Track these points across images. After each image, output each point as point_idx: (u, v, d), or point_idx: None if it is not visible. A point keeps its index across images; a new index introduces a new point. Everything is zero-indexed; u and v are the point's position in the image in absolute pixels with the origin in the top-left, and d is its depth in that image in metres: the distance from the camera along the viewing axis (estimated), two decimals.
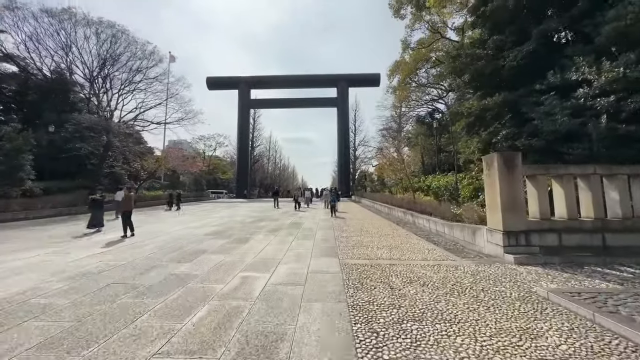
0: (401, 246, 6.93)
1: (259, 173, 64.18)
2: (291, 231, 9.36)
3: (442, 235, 8.55)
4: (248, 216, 14.20)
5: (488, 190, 6.30)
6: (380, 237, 8.10)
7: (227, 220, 12.57)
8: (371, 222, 11.58)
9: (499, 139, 9.20)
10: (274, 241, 7.66)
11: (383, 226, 10.49)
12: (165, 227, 10.51)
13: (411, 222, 11.61)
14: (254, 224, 11.13)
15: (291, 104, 47.77)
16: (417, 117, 29.61)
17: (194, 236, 8.39)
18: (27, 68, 24.36)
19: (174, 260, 5.61)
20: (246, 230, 9.51)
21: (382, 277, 4.52)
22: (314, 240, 7.71)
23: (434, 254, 6.12)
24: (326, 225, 10.71)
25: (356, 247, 6.77)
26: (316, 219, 13.14)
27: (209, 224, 11.34)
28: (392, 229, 9.71)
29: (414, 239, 7.99)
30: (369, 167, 47.40)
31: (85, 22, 26.51)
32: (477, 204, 8.12)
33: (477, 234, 6.62)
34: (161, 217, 14.22)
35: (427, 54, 26.38)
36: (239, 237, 8.20)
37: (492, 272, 4.77)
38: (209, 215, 15.04)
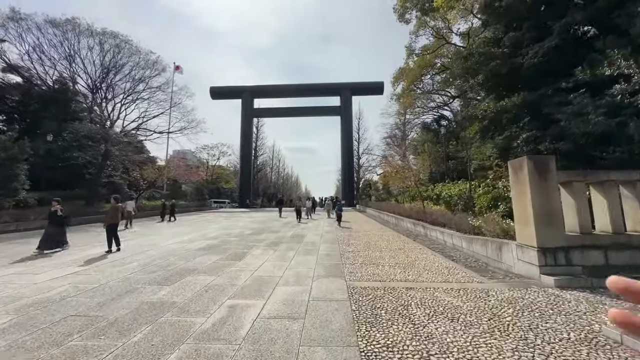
0: (416, 264, 6.10)
1: (262, 182, 63.70)
2: (292, 245, 8.57)
3: (460, 249, 7.69)
4: (248, 228, 13.44)
5: (516, 200, 5.49)
6: (391, 253, 7.27)
7: (225, 232, 11.82)
8: (379, 234, 10.74)
9: (519, 143, 8.43)
10: (273, 257, 6.88)
11: (392, 239, 9.64)
12: (157, 240, 9.78)
13: (422, 234, 10.75)
14: (252, 237, 10.35)
15: (294, 113, 47.60)
16: (422, 124, 28.93)
17: (185, 251, 7.64)
18: (31, 79, 24.37)
19: (154, 282, 4.85)
20: (243, 244, 8.74)
21: (399, 306, 3.70)
22: (317, 256, 6.91)
23: (455, 274, 5.28)
24: (330, 238, 9.90)
25: (365, 265, 5.96)
26: (319, 230, 12.33)
27: (205, 236, 10.59)
28: (402, 243, 8.86)
29: (428, 254, 7.14)
30: (373, 176, 46.64)
31: (89, 33, 26.63)
32: (499, 215, 7.28)
33: (503, 250, 5.77)
34: (156, 228, 13.52)
35: (432, 60, 25.92)
36: (235, 253, 7.42)
37: (532, 300, 3.92)
38: (207, 226, 14.31)
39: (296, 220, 16.25)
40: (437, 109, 31.52)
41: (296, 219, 16.43)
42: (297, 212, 16.53)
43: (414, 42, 25.21)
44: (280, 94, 47.48)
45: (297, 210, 16.47)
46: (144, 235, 11.03)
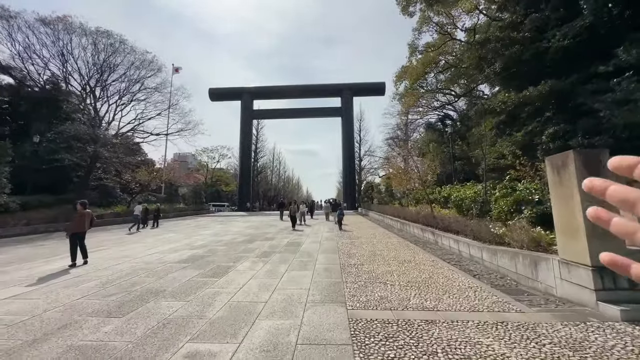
0: (432, 282, 5.04)
1: (262, 185, 62.82)
2: (286, 256, 7.52)
3: (479, 262, 6.62)
4: (241, 234, 12.41)
5: (559, 205, 4.44)
6: (401, 266, 6.21)
7: (214, 239, 10.79)
8: (384, 242, 9.68)
9: (544, 139, 7.38)
10: (261, 272, 5.84)
11: (399, 248, 8.58)
12: (136, 250, 8.77)
13: (432, 241, 9.68)
14: (243, 245, 9.32)
15: (295, 114, 46.77)
16: (427, 124, 27.91)
17: (161, 265, 6.62)
18: (24, 80, 23.61)
19: (104, 311, 3.83)
20: (231, 255, 7.70)
21: (420, 355, 2.66)
22: (313, 271, 5.86)
23: (484, 298, 4.23)
24: (330, 247, 8.84)
25: (370, 284, 4.91)
26: (318, 236, 11.28)
27: (191, 244, 9.57)
28: (411, 253, 7.80)
29: (444, 268, 6.08)
30: (375, 178, 45.59)
31: (82, 32, 25.91)
32: (526, 222, 6.22)
33: (541, 266, 4.71)
34: (141, 236, 12.50)
35: (436, 58, 24.96)
36: (218, 266, 6.39)
37: (602, 344, 2.87)
38: (197, 232, 13.29)
39: (292, 227, 14.08)
40: (441, 109, 30.53)
41: (291, 225, 14.22)
42: (291, 219, 14.25)
43: (416, 39, 24.28)
44: (281, 95, 46.68)
45: (291, 217, 14.18)
46: (124, 244, 10.02)
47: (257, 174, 59.05)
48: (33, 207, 16.77)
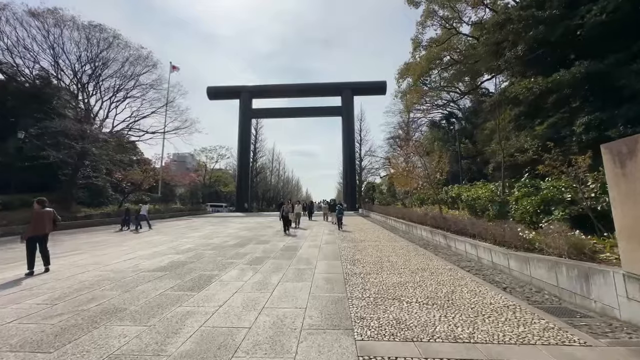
0: (457, 297, 4.11)
1: (261, 185, 61.96)
2: (280, 263, 6.59)
3: (505, 271, 5.69)
4: (234, 236, 11.47)
5: (622, 203, 3.51)
6: (414, 276, 5.28)
7: (204, 242, 9.85)
8: (390, 246, 8.74)
9: (577, 130, 6.46)
10: (249, 284, 4.90)
11: (409, 253, 7.64)
12: (112, 255, 7.83)
13: (444, 245, 8.74)
14: (234, 249, 8.38)
15: (294, 114, 45.86)
16: (431, 122, 27.02)
17: (134, 273, 5.68)
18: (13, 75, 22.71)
19: (32, 342, 2.89)
20: (218, 261, 6.76)
21: None
22: (312, 283, 4.93)
23: (528, 322, 3.29)
24: (331, 252, 7.91)
25: (381, 300, 3.98)
26: (318, 240, 10.34)
27: (176, 248, 8.63)
28: (424, 259, 6.86)
29: (466, 279, 5.14)
30: (376, 178, 44.69)
31: (74, 26, 25.04)
32: (566, 225, 5.28)
33: (594, 280, 3.78)
34: (126, 238, 11.55)
35: (440, 53, 24.11)
36: (200, 276, 5.46)
37: None
38: (187, 234, 12.34)
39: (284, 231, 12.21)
40: (445, 107, 29.65)
41: (283, 229, 12.30)
42: (284, 221, 12.22)
43: (420, 33, 23.46)
44: (280, 93, 45.76)
45: (284, 218, 12.16)
46: (103, 247, 9.08)
47: (256, 174, 58.21)
48: (15, 207, 15.83)
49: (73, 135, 16.84)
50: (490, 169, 15.09)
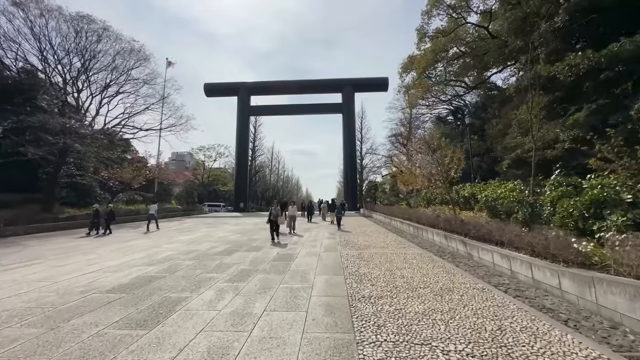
0: (511, 342, 2.89)
1: (260, 184, 60.85)
2: (269, 279, 5.37)
3: (554, 292, 4.47)
4: (224, 241, 10.26)
5: None
6: (440, 301, 4.06)
7: (187, 249, 8.64)
8: (400, 254, 7.52)
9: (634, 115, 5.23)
10: (223, 316, 3.69)
11: (424, 264, 6.42)
12: (72, 266, 6.62)
13: (463, 254, 7.52)
14: (218, 259, 7.17)
15: (294, 111, 44.58)
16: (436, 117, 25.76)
17: (81, 296, 4.48)
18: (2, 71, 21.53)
19: None
20: (194, 277, 5.55)
21: None
22: (307, 314, 3.71)
23: None
24: (331, 263, 6.69)
25: (407, 352, 2.76)
26: (316, 246, 9.13)
27: (152, 257, 7.42)
28: (445, 274, 5.64)
29: (511, 307, 3.91)
30: (378, 177, 43.46)
31: (61, 17, 23.82)
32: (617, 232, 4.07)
33: None
34: (103, 243, 10.34)
35: (447, 44, 22.80)
36: (163, 300, 4.25)
37: None
38: (173, 238, 11.13)
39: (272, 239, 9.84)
40: (450, 102, 28.35)
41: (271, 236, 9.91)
42: (270, 225, 9.91)
43: (426, 23, 22.15)
44: (279, 90, 44.49)
45: (273, 223, 9.84)
46: (69, 255, 7.86)
47: (255, 173, 57.09)
48: None
49: (54, 130, 15.62)
50: (504, 166, 13.86)
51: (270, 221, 9.94)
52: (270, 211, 10.16)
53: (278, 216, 9.85)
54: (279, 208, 10.27)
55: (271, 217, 9.93)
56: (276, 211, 9.94)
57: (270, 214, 10.03)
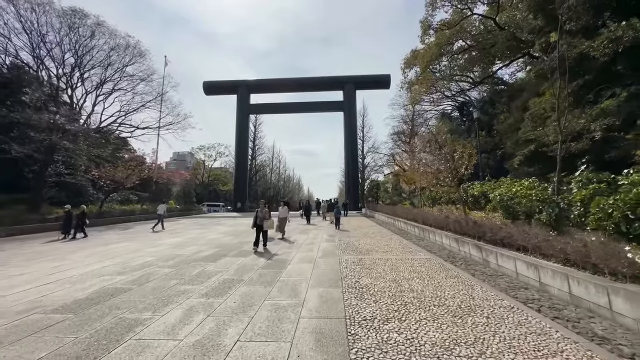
0: None
1: (261, 184, 60.11)
2: (253, 293, 4.54)
3: (603, 314, 3.60)
4: (214, 244, 9.45)
5: None
6: (464, 327, 3.20)
7: (169, 254, 7.81)
8: (407, 260, 6.67)
9: None
10: (182, 349, 2.85)
11: (435, 273, 5.56)
12: (31, 275, 5.82)
13: (478, 260, 6.65)
14: (200, 266, 6.34)
15: (294, 109, 43.62)
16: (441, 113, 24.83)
17: (16, 316, 3.67)
18: None
19: None
20: (165, 289, 4.73)
21: None
22: (291, 347, 2.87)
23: None
24: (328, 272, 5.86)
25: None
26: (313, 250, 8.29)
27: (125, 264, 6.60)
28: (462, 286, 4.78)
29: (553, 334, 3.05)
30: (379, 176, 42.54)
31: (53, 11, 23.14)
32: None
33: None
34: (79, 247, 9.54)
35: (452, 37, 21.89)
36: (118, 323, 3.42)
37: None
38: (158, 241, 10.32)
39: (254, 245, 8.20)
40: (454, 97, 27.40)
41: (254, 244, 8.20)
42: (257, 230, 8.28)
43: (430, 15, 21.24)
44: (279, 88, 43.51)
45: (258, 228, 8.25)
46: (38, 261, 7.05)
47: (256, 172, 56.38)
48: None
49: (40, 127, 14.89)
50: (515, 163, 12.96)
51: (255, 225, 8.25)
52: (255, 213, 8.39)
53: (265, 219, 8.23)
54: (266, 209, 8.62)
55: (257, 221, 8.26)
56: (262, 214, 8.28)
57: (256, 217, 8.29)
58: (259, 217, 8.29)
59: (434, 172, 9.68)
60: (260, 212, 8.37)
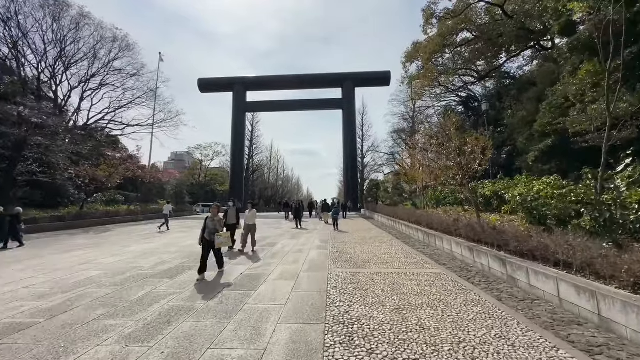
0: None
1: (258, 184, 58.81)
2: (197, 334, 3.21)
3: None
4: (182, 253, 8.13)
5: None
6: None
7: (124, 267, 6.48)
8: (413, 277, 5.36)
9: None
10: None
11: (449, 296, 4.25)
12: None
13: (500, 276, 5.33)
14: (151, 285, 5.02)
15: (292, 106, 42.26)
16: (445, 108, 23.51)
17: None
18: None
19: None
20: (79, 326, 3.42)
21: None
22: None
23: None
24: (311, 295, 4.57)
25: None
26: (299, 262, 6.98)
27: (57, 282, 5.28)
28: (490, 320, 3.46)
29: None
30: (379, 176, 41.23)
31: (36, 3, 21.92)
32: None
33: None
34: (19, 257, 8.22)
35: (456, 27, 20.57)
36: None
37: None
38: (125, 248, 9.00)
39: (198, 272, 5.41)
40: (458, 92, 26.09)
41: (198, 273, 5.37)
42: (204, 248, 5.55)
43: (433, 3, 19.94)
44: (277, 85, 42.11)
45: (205, 243, 5.56)
46: None
47: (253, 172, 55.11)
48: None
49: (8, 120, 13.60)
50: (530, 159, 11.64)
51: (203, 241, 5.50)
52: (204, 223, 5.61)
53: (216, 232, 5.48)
54: (221, 216, 6.21)
55: (205, 235, 5.50)
56: (214, 224, 5.53)
57: (204, 229, 5.55)
58: (209, 228, 5.50)
59: (441, 169, 8.36)
60: (211, 222, 5.54)
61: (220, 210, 6.17)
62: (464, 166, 7.40)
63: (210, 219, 5.63)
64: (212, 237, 5.50)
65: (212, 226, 5.55)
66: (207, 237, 5.53)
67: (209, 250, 5.52)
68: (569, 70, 9.38)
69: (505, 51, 21.35)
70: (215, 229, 5.54)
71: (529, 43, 19.59)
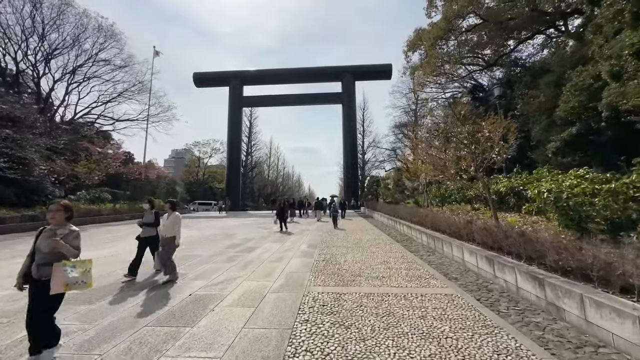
0: None
1: (257, 181, 57.41)
2: None
3: None
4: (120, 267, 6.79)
5: None
6: None
7: None
8: (416, 302, 3.97)
9: None
10: None
11: (471, 341, 2.86)
12: None
13: (535, 301, 3.89)
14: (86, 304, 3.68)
15: (290, 101, 40.75)
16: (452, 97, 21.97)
17: None
18: None
19: None
20: None
21: None
22: None
23: None
24: (266, 342, 3.19)
25: None
26: (272, 275, 5.60)
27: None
28: None
29: None
30: (380, 172, 39.75)
31: None
32: None
33: None
34: None
35: (462, 10, 18.97)
36: None
37: None
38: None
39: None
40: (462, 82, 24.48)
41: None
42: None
43: None
44: (274, 79, 40.55)
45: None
46: None
47: (251, 168, 53.75)
48: None
49: None
50: (550, 151, 10.18)
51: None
52: (34, 241, 2.62)
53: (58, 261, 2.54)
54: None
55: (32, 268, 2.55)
56: (52, 244, 2.52)
57: (34, 251, 2.59)
58: (41, 253, 2.57)
59: (452, 159, 6.91)
60: (45, 241, 2.57)
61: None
62: (478, 155, 5.99)
63: (45, 233, 2.60)
64: (45, 273, 2.50)
65: (46, 249, 2.53)
66: (34, 274, 2.52)
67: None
68: (600, 43, 7.91)
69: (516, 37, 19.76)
70: (54, 254, 2.54)
71: (542, 27, 17.98)
